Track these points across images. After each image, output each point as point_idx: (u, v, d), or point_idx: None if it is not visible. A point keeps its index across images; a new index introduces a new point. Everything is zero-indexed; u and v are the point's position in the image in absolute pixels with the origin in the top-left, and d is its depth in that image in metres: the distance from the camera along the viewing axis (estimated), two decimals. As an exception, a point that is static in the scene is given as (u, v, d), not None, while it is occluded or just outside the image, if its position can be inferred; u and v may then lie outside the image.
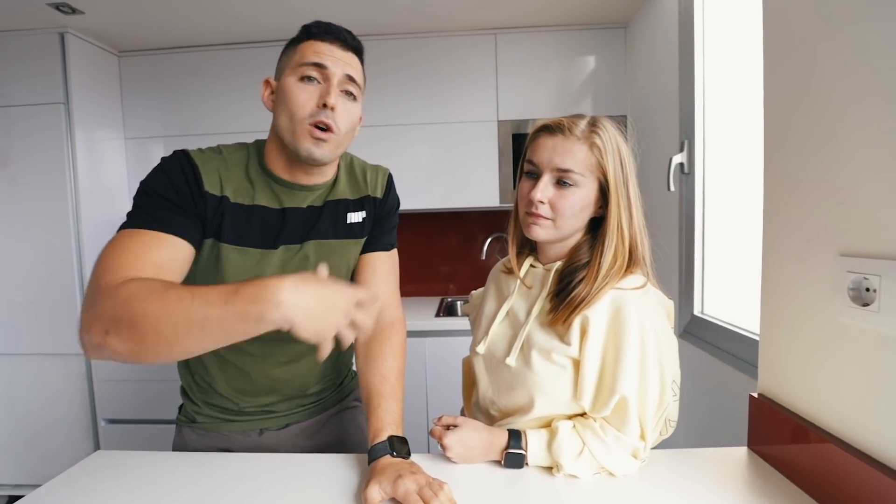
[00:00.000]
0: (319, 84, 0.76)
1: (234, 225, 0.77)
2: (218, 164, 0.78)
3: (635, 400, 0.69)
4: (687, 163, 1.48)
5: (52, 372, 1.97)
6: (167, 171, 0.74)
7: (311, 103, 0.74)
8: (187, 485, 0.74)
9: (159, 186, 0.72)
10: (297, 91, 0.74)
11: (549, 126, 0.75)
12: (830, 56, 0.66)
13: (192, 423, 0.92)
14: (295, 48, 0.78)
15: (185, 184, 0.73)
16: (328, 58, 0.76)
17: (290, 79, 0.76)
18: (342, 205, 0.86)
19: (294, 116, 0.74)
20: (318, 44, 0.76)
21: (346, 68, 0.77)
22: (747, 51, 1.27)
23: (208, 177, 0.75)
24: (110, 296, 0.58)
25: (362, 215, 0.88)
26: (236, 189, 0.78)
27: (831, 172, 0.66)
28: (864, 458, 0.60)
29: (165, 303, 0.55)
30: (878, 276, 0.59)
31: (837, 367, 0.66)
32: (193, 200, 0.73)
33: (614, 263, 0.73)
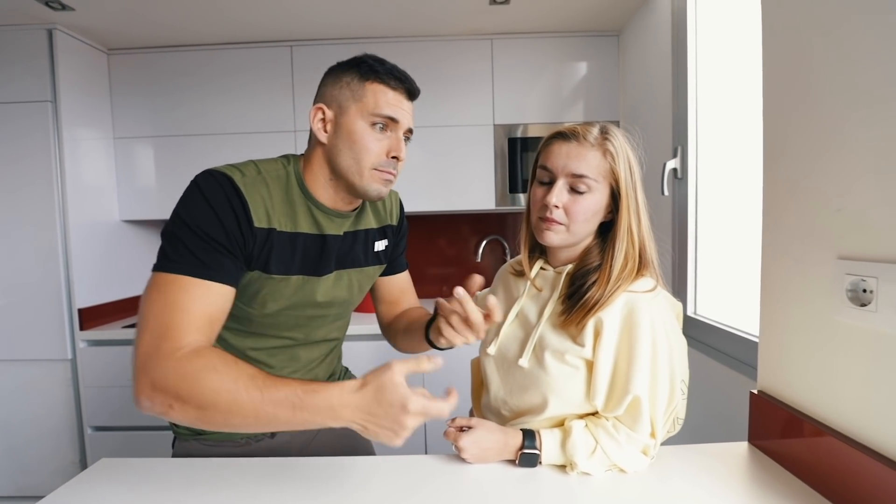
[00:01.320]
0: (387, 133, 0.79)
1: (280, 256, 0.77)
2: (263, 192, 0.75)
3: (647, 399, 0.71)
4: (680, 168, 1.53)
5: (37, 378, 1.91)
6: (213, 203, 0.69)
7: (381, 153, 0.78)
8: (196, 491, 0.74)
9: (206, 224, 0.68)
10: (370, 139, 0.77)
11: (564, 133, 0.77)
12: (829, 63, 0.70)
13: (198, 436, 0.90)
14: (362, 87, 0.77)
15: (235, 222, 0.70)
16: (400, 112, 0.79)
17: (361, 122, 0.77)
18: (371, 234, 0.92)
19: (364, 162, 0.77)
20: (390, 93, 0.78)
21: (411, 120, 0.82)
22: (739, 58, 1.32)
23: (256, 210, 0.72)
24: (173, 368, 0.60)
25: (385, 243, 0.95)
26: (281, 217, 0.76)
27: (829, 178, 0.70)
28: (863, 450, 0.63)
29: (237, 395, 0.59)
30: (875, 279, 0.62)
31: (836, 363, 0.69)
32: (244, 240, 0.71)
33: (625, 266, 0.76)
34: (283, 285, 0.79)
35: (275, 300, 0.80)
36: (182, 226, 0.68)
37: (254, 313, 0.81)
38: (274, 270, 0.77)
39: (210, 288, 0.67)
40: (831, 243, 0.70)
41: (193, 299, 0.65)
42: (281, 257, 0.77)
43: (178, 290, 0.65)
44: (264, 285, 0.78)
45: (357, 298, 0.94)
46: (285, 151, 0.87)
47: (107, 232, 2.07)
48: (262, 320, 0.83)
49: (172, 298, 0.65)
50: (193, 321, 0.64)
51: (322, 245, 0.82)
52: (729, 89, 1.38)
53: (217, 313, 0.68)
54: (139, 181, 2.13)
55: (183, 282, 0.66)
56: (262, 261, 0.75)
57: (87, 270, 1.93)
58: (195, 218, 0.68)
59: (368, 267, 0.93)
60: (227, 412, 0.59)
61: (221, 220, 0.69)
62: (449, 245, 2.48)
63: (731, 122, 1.37)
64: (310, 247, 0.81)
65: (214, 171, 0.73)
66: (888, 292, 0.60)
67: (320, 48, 2.06)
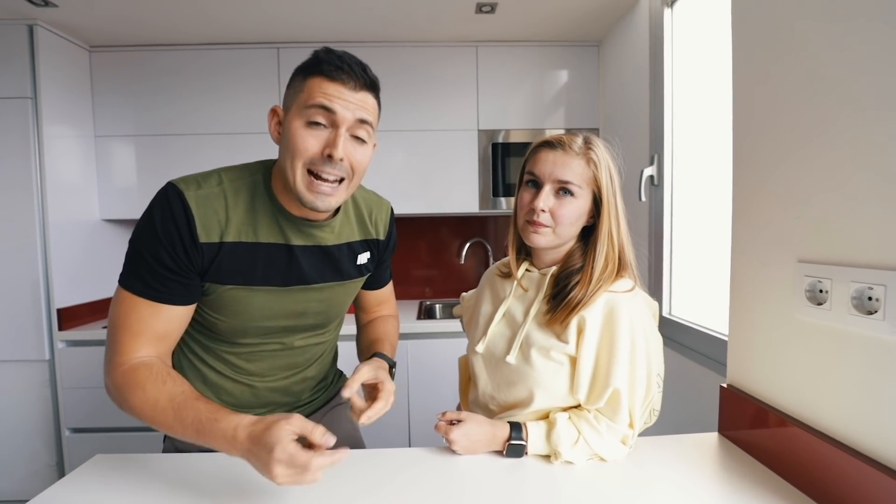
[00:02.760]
0: (326, 129, 0.70)
1: (236, 268, 0.75)
2: (217, 205, 0.73)
3: (626, 392, 0.76)
4: (656, 175, 1.60)
5: (14, 379, 1.86)
6: (158, 227, 0.70)
7: (314, 149, 0.70)
8: (191, 487, 0.75)
9: (152, 248, 0.71)
10: (300, 136, 0.70)
11: (550, 142, 0.82)
12: (793, 73, 0.76)
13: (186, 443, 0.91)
14: (303, 82, 0.71)
15: (179, 243, 0.71)
16: (338, 101, 0.69)
17: (296, 121, 0.70)
18: (352, 247, 0.89)
19: (295, 161, 0.70)
20: (327, 84, 0.69)
21: (358, 111, 0.71)
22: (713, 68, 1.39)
23: (203, 225, 0.72)
24: (114, 380, 0.71)
25: (367, 256, 0.92)
26: (238, 227, 0.75)
27: (791, 186, 0.76)
28: (824, 437, 0.69)
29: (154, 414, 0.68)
30: (830, 280, 0.68)
31: (797, 358, 0.76)
32: (189, 258, 0.72)
33: (606, 268, 0.81)
34: (246, 297, 0.77)
35: (242, 311, 0.78)
36: (135, 246, 0.73)
37: (222, 325, 0.80)
38: (229, 282, 0.75)
39: (156, 309, 0.73)
40: (792, 247, 0.76)
41: (141, 319, 0.72)
42: (238, 269, 0.75)
43: (130, 309, 0.72)
44: (225, 296, 0.77)
45: (337, 310, 0.92)
46: (269, 153, 0.83)
47: (87, 231, 2.03)
48: (234, 329, 0.81)
49: (124, 316, 0.72)
50: (140, 339, 0.72)
51: (288, 256, 0.79)
52: (703, 99, 1.45)
53: (167, 331, 0.75)
54: (120, 180, 2.10)
55: (133, 301, 0.72)
56: (214, 274, 0.75)
57: (66, 270, 1.90)
58: (143, 241, 0.72)
59: (349, 281, 0.90)
60: (153, 424, 0.69)
61: (164, 244, 0.71)
62: (433, 247, 2.52)
63: (706, 130, 1.45)
64: (274, 257, 0.78)
65: (171, 185, 0.73)
66: (841, 292, 0.66)
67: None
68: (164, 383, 0.69)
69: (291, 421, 0.60)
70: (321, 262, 0.83)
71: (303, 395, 0.95)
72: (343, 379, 1.09)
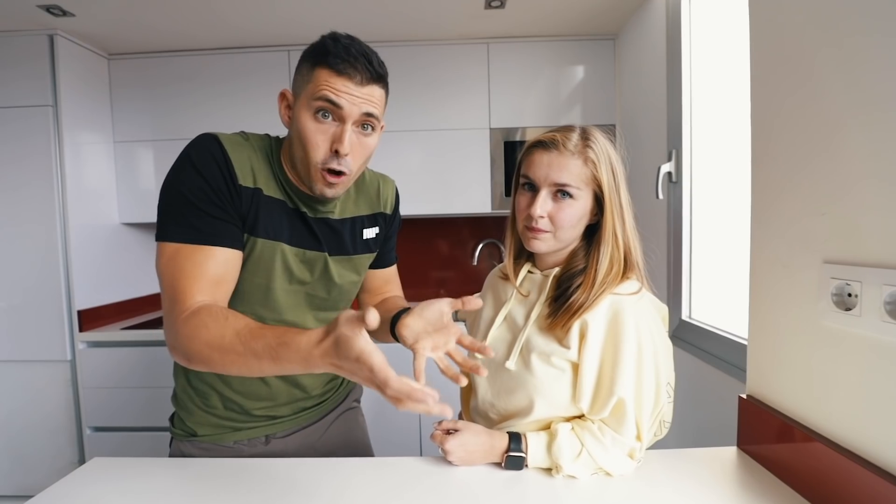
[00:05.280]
0: (334, 122, 0.72)
1: (268, 219, 0.77)
2: (249, 153, 0.76)
3: (632, 402, 0.71)
4: (675, 171, 1.53)
5: (37, 379, 1.92)
6: (199, 167, 0.71)
7: (324, 146, 0.72)
8: (189, 492, 0.74)
9: (194, 187, 0.70)
10: (310, 130, 0.72)
11: (544, 142, 0.77)
12: (816, 68, 0.70)
13: (191, 437, 0.88)
14: (311, 71, 0.72)
15: (222, 181, 0.72)
16: (344, 97, 0.70)
17: (305, 112, 0.72)
18: (359, 221, 0.89)
19: (307, 156, 0.73)
20: (334, 78, 0.70)
21: (364, 106, 0.72)
22: (732, 62, 1.32)
23: (241, 168, 0.74)
24: (179, 330, 0.66)
25: (375, 231, 0.92)
26: (266, 181, 0.78)
27: (815, 183, 0.70)
28: (851, 456, 0.63)
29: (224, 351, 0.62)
30: (860, 283, 0.62)
31: (822, 368, 0.69)
32: (231, 199, 0.73)
33: (611, 269, 0.76)
34: (273, 253, 0.78)
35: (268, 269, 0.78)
36: (174, 193, 0.71)
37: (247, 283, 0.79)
38: (262, 234, 0.76)
39: (209, 253, 0.70)
40: (817, 247, 0.69)
41: (194, 265, 0.69)
42: (270, 221, 0.77)
43: (181, 259, 0.69)
44: (259, 250, 0.77)
45: (347, 287, 0.90)
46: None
47: (106, 234, 2.08)
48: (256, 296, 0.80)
49: (176, 269, 0.69)
50: (196, 285, 0.69)
51: (303, 221, 0.81)
52: (723, 93, 1.38)
53: (221, 274, 0.72)
54: (139, 184, 2.15)
55: (182, 251, 0.70)
56: (250, 222, 0.75)
57: (86, 272, 1.95)
58: (185, 183, 0.71)
59: (356, 255, 0.89)
60: (223, 365, 0.63)
61: (208, 182, 0.71)
62: (445, 248, 2.48)
63: (726, 125, 1.37)
64: (294, 219, 0.80)
65: (204, 134, 0.76)
66: (872, 296, 0.60)
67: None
68: (227, 319, 0.65)
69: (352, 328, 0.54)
70: (327, 234, 0.85)
71: (314, 390, 0.92)
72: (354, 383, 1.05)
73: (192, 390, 0.88)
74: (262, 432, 0.90)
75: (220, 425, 0.88)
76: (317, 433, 0.95)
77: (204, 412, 0.88)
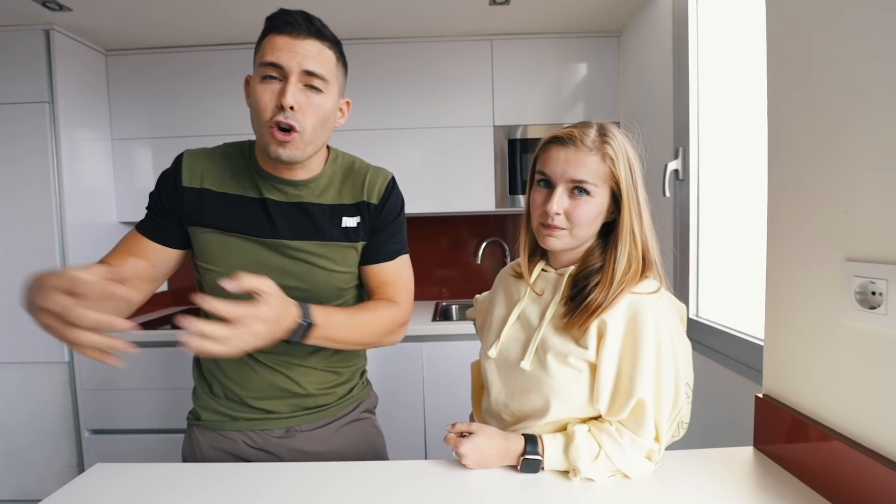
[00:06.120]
0: (279, 82, 0.75)
1: (215, 212, 0.84)
2: (204, 159, 0.86)
3: (652, 403, 0.70)
4: (681, 169, 1.52)
5: (34, 381, 1.89)
6: (161, 176, 0.87)
7: (271, 104, 0.75)
8: (192, 497, 0.72)
9: (153, 192, 0.86)
10: (258, 92, 0.75)
11: (561, 137, 0.75)
12: (834, 63, 0.69)
13: (198, 422, 0.93)
14: (260, 43, 0.77)
15: (165, 185, 0.85)
16: (283, 54, 0.74)
17: (255, 81, 0.76)
18: (337, 209, 0.87)
19: (258, 118, 0.77)
20: (276, 38, 0.75)
21: (305, 62, 0.75)
22: (740, 57, 1.31)
23: (189, 172, 0.85)
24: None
25: (357, 220, 0.88)
26: (219, 180, 0.85)
27: (836, 178, 0.69)
28: (872, 455, 0.62)
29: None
30: (885, 281, 0.61)
31: (843, 366, 0.68)
32: (170, 200, 0.85)
33: (629, 268, 0.74)
34: (227, 243, 0.84)
35: (226, 259, 0.84)
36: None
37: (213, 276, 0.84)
38: (209, 226, 0.84)
39: (139, 240, 0.85)
40: (839, 245, 0.68)
41: (126, 241, 0.86)
42: (216, 215, 0.84)
43: (126, 238, 0.87)
44: (209, 243, 0.85)
45: (326, 280, 0.87)
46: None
47: (104, 233, 2.05)
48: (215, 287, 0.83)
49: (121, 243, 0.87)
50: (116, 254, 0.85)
51: (262, 208, 0.84)
52: (730, 89, 1.37)
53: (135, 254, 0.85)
54: (137, 183, 2.12)
55: (132, 233, 0.87)
56: (197, 217, 0.84)
57: (84, 272, 1.92)
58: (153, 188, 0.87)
59: (332, 242, 0.86)
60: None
61: (158, 186, 0.86)
62: (449, 247, 2.47)
63: (733, 122, 1.36)
64: (248, 208, 0.84)
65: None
66: (898, 294, 0.59)
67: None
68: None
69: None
70: (298, 218, 0.85)
71: (308, 386, 0.89)
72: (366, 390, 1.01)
73: (199, 375, 0.94)
74: (259, 426, 0.89)
75: (219, 412, 0.91)
76: (317, 436, 0.92)
77: (208, 397, 0.92)
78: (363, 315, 0.84)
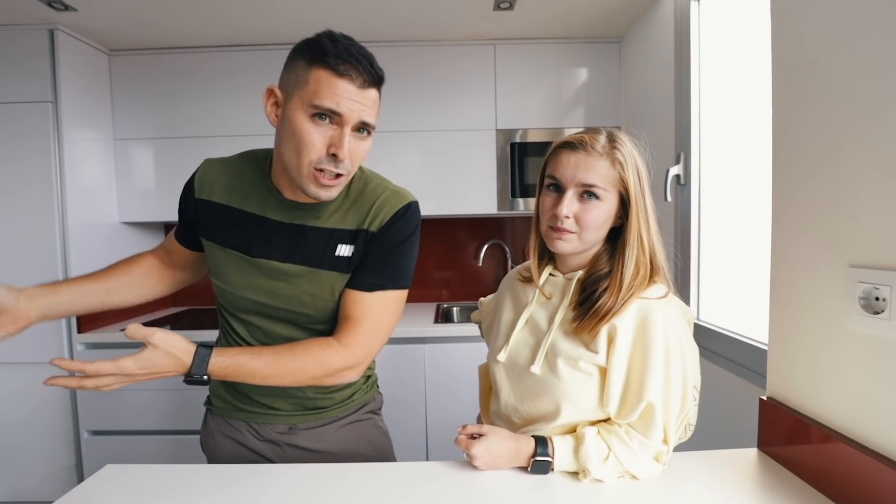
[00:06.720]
0: (331, 126, 0.71)
1: (214, 224, 0.86)
2: (219, 170, 0.87)
3: (661, 406, 0.71)
4: (683, 174, 1.54)
5: (34, 381, 1.88)
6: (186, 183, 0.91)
7: (320, 147, 0.71)
8: (202, 498, 0.73)
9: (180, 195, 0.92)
10: (305, 132, 0.70)
11: (571, 143, 0.77)
12: (839, 71, 0.70)
13: (210, 406, 0.98)
14: (308, 71, 0.70)
15: (184, 193, 0.90)
16: (345, 102, 0.70)
17: (300, 113, 0.71)
18: (335, 235, 0.82)
19: (300, 157, 0.72)
20: (335, 81, 0.69)
21: (363, 112, 0.72)
22: (742, 64, 1.33)
23: (201, 184, 0.87)
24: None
25: (350, 249, 0.82)
26: (227, 193, 0.85)
27: (840, 185, 0.71)
28: (874, 455, 0.64)
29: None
30: (889, 287, 0.63)
31: (846, 370, 0.70)
32: (186, 207, 0.90)
33: (637, 273, 0.76)
34: (222, 257, 0.85)
35: (222, 273, 0.86)
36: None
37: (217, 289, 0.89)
38: (211, 238, 0.86)
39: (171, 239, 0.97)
40: (843, 251, 0.70)
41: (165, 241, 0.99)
42: (218, 227, 0.85)
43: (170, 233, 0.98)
44: (210, 254, 0.87)
45: (311, 304, 0.84)
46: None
47: (106, 233, 2.05)
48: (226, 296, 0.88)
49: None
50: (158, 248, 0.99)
51: (258, 227, 0.83)
52: (732, 95, 1.39)
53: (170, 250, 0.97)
54: (139, 183, 2.11)
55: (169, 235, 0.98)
56: (205, 228, 0.87)
57: (85, 272, 1.90)
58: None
59: (319, 270, 0.82)
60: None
61: (181, 195, 0.91)
62: (450, 249, 2.48)
63: (734, 128, 1.38)
64: (245, 224, 0.84)
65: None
66: (901, 300, 0.61)
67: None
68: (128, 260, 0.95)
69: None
70: (294, 241, 0.82)
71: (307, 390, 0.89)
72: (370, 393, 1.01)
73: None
74: (261, 419, 0.92)
75: (227, 401, 0.94)
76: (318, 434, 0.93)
77: (219, 385, 0.95)
78: (288, 360, 0.76)
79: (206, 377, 0.71)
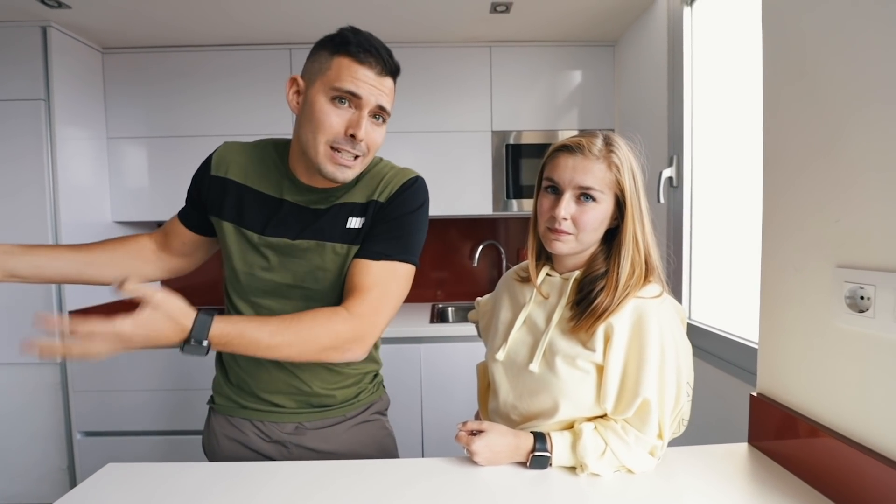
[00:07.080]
0: (350, 109, 0.76)
1: (232, 203, 0.86)
2: (236, 150, 0.89)
3: (656, 402, 0.73)
4: (675, 176, 1.57)
5: (25, 382, 1.86)
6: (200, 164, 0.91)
7: (338, 128, 0.76)
8: (205, 496, 0.73)
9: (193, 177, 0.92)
10: (325, 113, 0.75)
11: (569, 146, 0.79)
12: (829, 74, 0.73)
13: (213, 405, 0.97)
14: (331, 59, 0.76)
15: (199, 173, 0.91)
16: (364, 86, 0.75)
17: (321, 97, 0.76)
18: (346, 208, 0.85)
19: (318, 137, 0.76)
20: (355, 67, 0.75)
21: (380, 98, 0.78)
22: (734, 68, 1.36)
23: (218, 162, 0.88)
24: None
25: (361, 221, 0.84)
26: (244, 173, 0.87)
27: (828, 189, 0.73)
28: (861, 448, 0.66)
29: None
30: (874, 286, 0.65)
31: (834, 366, 0.73)
32: (199, 188, 0.90)
33: (633, 273, 0.78)
34: (236, 236, 0.86)
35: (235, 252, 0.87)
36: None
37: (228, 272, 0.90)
38: (223, 215, 0.87)
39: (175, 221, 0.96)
40: (830, 252, 0.73)
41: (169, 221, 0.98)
42: (233, 206, 0.86)
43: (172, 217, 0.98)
44: (226, 234, 0.87)
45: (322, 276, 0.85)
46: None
47: (98, 233, 2.03)
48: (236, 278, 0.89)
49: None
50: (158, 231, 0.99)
51: (273, 207, 0.85)
52: (724, 99, 1.42)
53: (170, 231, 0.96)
54: (132, 182, 2.10)
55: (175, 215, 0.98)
56: (216, 207, 0.88)
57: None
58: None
59: (333, 243, 0.84)
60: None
61: (194, 176, 0.92)
62: (445, 250, 2.49)
63: (727, 131, 1.41)
64: (261, 205, 0.85)
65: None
66: (886, 299, 0.63)
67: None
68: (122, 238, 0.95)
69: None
70: (307, 220, 0.85)
71: (313, 385, 0.90)
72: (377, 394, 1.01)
73: (218, 362, 0.97)
74: (267, 417, 0.91)
75: (230, 398, 0.94)
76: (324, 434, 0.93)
77: (224, 383, 0.95)
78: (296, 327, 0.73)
79: (206, 343, 0.66)
